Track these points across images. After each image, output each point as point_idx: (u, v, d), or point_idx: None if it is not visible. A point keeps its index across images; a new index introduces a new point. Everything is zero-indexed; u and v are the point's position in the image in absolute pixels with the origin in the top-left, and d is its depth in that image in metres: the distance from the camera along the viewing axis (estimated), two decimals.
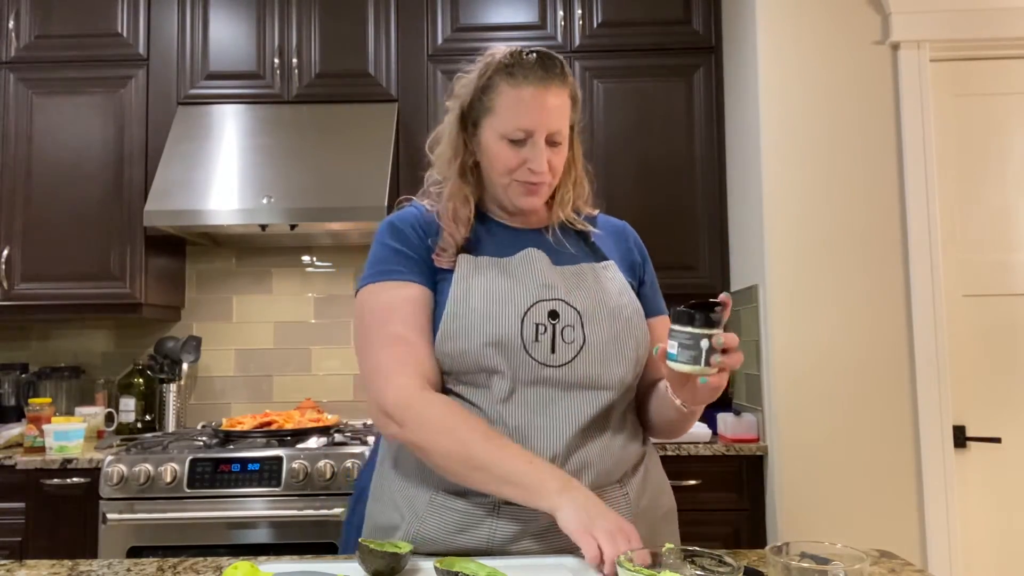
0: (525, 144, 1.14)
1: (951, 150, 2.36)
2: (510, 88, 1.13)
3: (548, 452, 1.07)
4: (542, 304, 1.11)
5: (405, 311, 1.12)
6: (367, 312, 1.14)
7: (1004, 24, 2.32)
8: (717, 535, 2.28)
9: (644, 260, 1.30)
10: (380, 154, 2.60)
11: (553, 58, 1.15)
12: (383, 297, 1.13)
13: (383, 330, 1.11)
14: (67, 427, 2.34)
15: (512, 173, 1.15)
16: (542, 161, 1.14)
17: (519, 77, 1.13)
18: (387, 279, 1.14)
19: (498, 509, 1.06)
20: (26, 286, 2.64)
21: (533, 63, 1.13)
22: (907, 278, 2.29)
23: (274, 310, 3.00)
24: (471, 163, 1.20)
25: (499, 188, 1.18)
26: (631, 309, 1.17)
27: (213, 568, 1.02)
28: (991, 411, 2.29)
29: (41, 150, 2.68)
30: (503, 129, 1.14)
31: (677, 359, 0.98)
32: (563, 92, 1.15)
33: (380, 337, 1.11)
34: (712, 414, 2.56)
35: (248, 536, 2.18)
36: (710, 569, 0.82)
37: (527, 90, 1.12)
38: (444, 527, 1.07)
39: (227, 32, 2.77)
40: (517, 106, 1.13)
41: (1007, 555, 2.25)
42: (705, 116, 2.71)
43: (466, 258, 1.15)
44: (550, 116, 1.13)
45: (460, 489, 1.07)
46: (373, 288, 1.15)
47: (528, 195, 1.17)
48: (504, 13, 2.75)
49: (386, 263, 1.16)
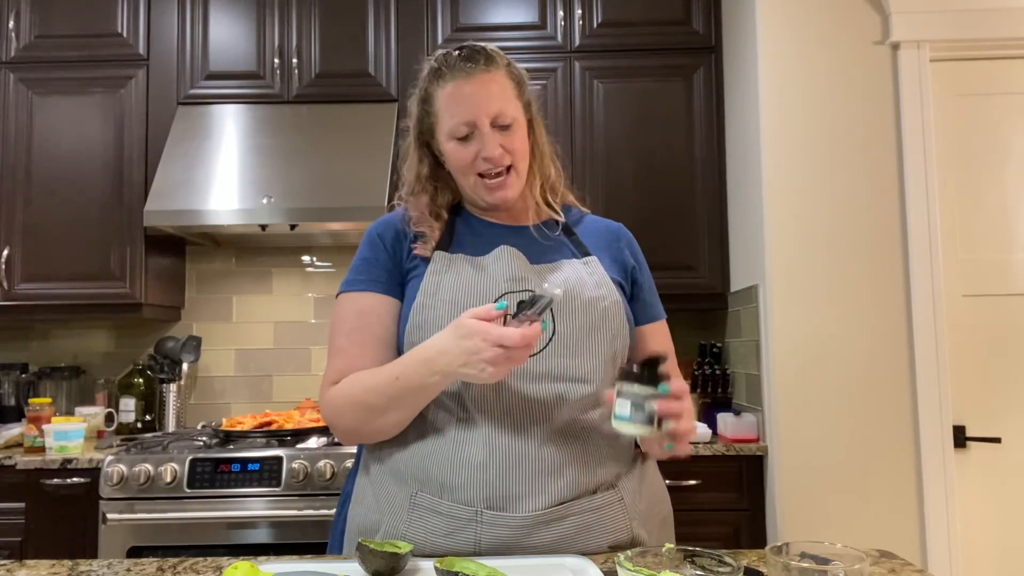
0: (472, 137, 1.15)
1: (951, 150, 2.36)
2: (441, 90, 1.16)
3: (527, 447, 1.05)
4: (512, 296, 1.12)
5: (352, 324, 1.17)
6: (334, 314, 1.22)
7: (1004, 24, 2.32)
8: (717, 535, 2.28)
9: (639, 263, 1.28)
10: (380, 154, 2.60)
11: (478, 49, 1.17)
12: (340, 310, 1.20)
13: (332, 343, 1.19)
14: (67, 427, 2.34)
15: (471, 168, 1.17)
16: (493, 146, 1.14)
17: (446, 77, 1.15)
18: (349, 290, 1.20)
19: (480, 515, 1.04)
20: (26, 286, 2.64)
21: (456, 59, 1.16)
22: (907, 278, 2.29)
23: (274, 310, 3.00)
24: (426, 172, 1.23)
25: (468, 190, 1.21)
26: (609, 302, 1.15)
27: (213, 568, 1.02)
28: (991, 411, 2.29)
29: (41, 150, 2.68)
30: (447, 129, 1.16)
31: (630, 420, 0.96)
32: (494, 76, 1.16)
33: (333, 346, 1.19)
34: (712, 414, 2.56)
35: (248, 536, 2.18)
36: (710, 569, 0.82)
37: (454, 84, 1.15)
38: (430, 531, 1.06)
39: (227, 32, 2.77)
40: (450, 103, 1.15)
41: (1007, 555, 2.25)
42: (705, 116, 2.71)
43: (440, 255, 1.17)
44: (485, 101, 1.14)
45: (436, 486, 1.06)
46: (339, 299, 1.22)
47: (494, 190, 1.18)
48: (504, 13, 2.75)
49: (353, 272, 1.21)
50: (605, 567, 0.97)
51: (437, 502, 1.06)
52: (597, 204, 2.64)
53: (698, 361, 2.68)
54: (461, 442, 1.07)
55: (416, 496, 1.08)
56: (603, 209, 2.62)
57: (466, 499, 1.04)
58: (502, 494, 1.04)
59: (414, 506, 1.07)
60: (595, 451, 1.10)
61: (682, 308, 2.75)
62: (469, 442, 1.06)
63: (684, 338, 2.65)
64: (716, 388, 2.64)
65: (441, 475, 1.06)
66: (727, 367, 2.68)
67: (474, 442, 1.06)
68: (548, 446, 1.07)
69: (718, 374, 2.64)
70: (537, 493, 1.04)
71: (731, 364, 2.69)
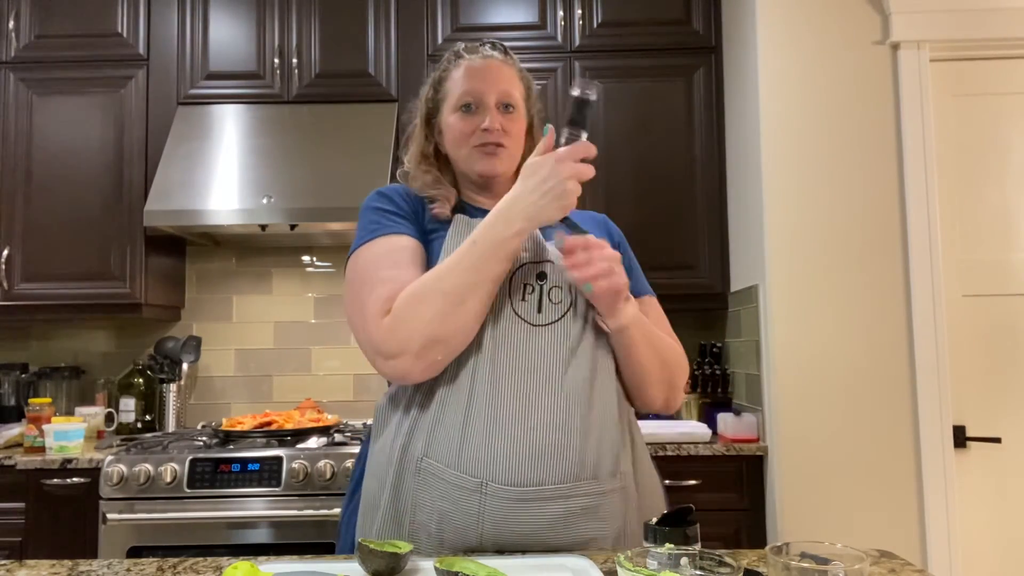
0: (476, 111, 1.20)
1: (951, 150, 2.36)
2: (456, 69, 1.23)
3: (529, 421, 1.06)
4: (530, 266, 1.14)
5: (393, 257, 1.13)
6: (355, 270, 1.15)
7: (1004, 24, 2.33)
8: (717, 535, 2.28)
9: (624, 249, 1.31)
10: (380, 154, 2.60)
11: (499, 45, 1.25)
12: (372, 251, 1.14)
13: (373, 276, 1.11)
14: (67, 427, 2.34)
15: (468, 139, 1.20)
16: (494, 118, 1.19)
17: (464, 58, 1.23)
18: (374, 236, 1.15)
19: (485, 486, 1.04)
20: (26, 286, 2.64)
21: (477, 46, 1.24)
22: (907, 278, 2.29)
23: (274, 310, 3.00)
24: (431, 150, 1.27)
25: (461, 162, 1.23)
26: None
27: (213, 568, 1.02)
28: (991, 411, 2.29)
29: (41, 150, 2.68)
30: (454, 100, 1.21)
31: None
32: (510, 68, 1.23)
33: (369, 284, 1.11)
34: (712, 414, 2.56)
35: (248, 536, 2.18)
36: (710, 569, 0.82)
37: (469, 62, 1.22)
38: (436, 497, 1.06)
39: (227, 32, 2.77)
40: (463, 77, 1.21)
41: (1007, 555, 2.26)
42: (705, 116, 2.71)
43: (462, 218, 1.18)
44: (497, 80, 1.21)
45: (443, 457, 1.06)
46: (361, 249, 1.15)
47: (486, 157, 1.21)
48: (504, 13, 2.75)
49: (373, 223, 1.17)
50: (605, 567, 0.97)
51: (443, 469, 1.06)
52: (597, 204, 2.64)
53: (698, 361, 2.68)
54: (469, 416, 1.07)
55: (422, 462, 1.08)
56: (603, 209, 2.60)
57: (472, 471, 1.05)
58: (507, 467, 1.04)
59: (420, 470, 1.08)
60: (602, 435, 1.10)
61: (682, 308, 2.75)
62: (477, 416, 1.07)
63: (684, 338, 2.62)
64: (716, 388, 2.64)
65: (450, 447, 1.06)
66: (727, 367, 2.69)
67: (482, 416, 1.07)
68: (557, 422, 1.07)
69: (718, 374, 2.64)
70: (543, 468, 1.05)
71: (731, 364, 2.69)
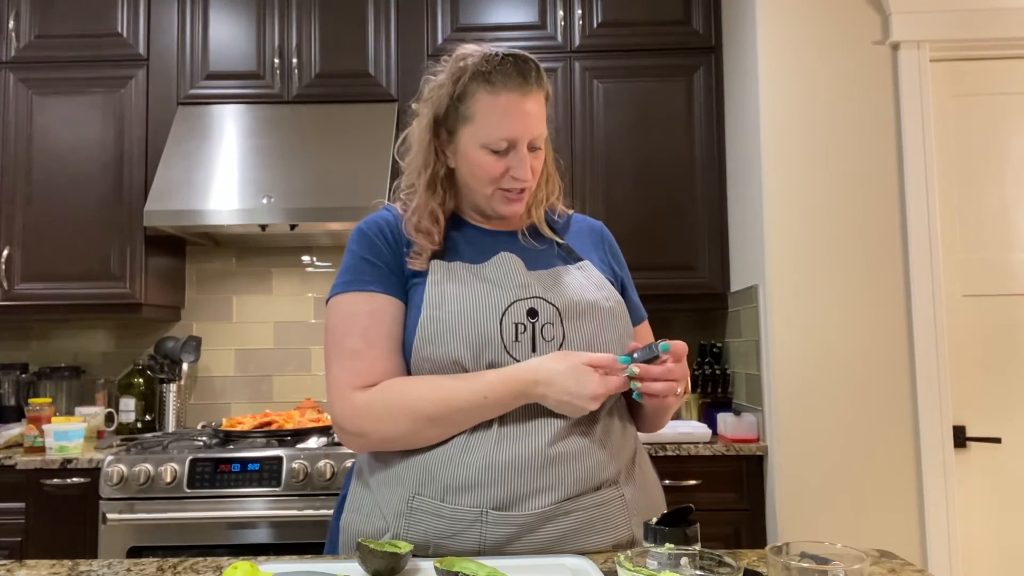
0: (508, 153, 1.13)
1: (951, 150, 2.36)
2: (489, 96, 1.11)
3: (534, 445, 1.05)
4: (520, 303, 1.11)
5: (364, 324, 1.11)
6: (330, 325, 1.14)
7: (1004, 24, 2.32)
8: (717, 535, 2.27)
9: (621, 266, 1.29)
10: (380, 154, 2.60)
11: (528, 61, 1.13)
12: (345, 310, 1.13)
13: (341, 344, 1.12)
14: (67, 427, 2.34)
15: (496, 182, 1.15)
16: (526, 169, 1.13)
17: (498, 85, 1.11)
18: (352, 290, 1.14)
19: (486, 515, 1.03)
20: (26, 286, 2.64)
21: (510, 69, 1.11)
22: (907, 278, 2.29)
23: (274, 310, 3.00)
24: (443, 172, 1.18)
25: (480, 197, 1.18)
26: (613, 302, 1.17)
27: (213, 568, 1.02)
28: (991, 411, 2.29)
29: (41, 150, 2.68)
30: (485, 139, 1.12)
31: None
32: (541, 95, 1.15)
33: (337, 351, 1.12)
34: (712, 414, 2.56)
35: (248, 536, 2.18)
36: (710, 569, 0.82)
37: (507, 97, 1.11)
38: (431, 535, 1.05)
39: (227, 32, 2.77)
40: (498, 115, 1.11)
41: (1007, 555, 2.25)
42: (705, 116, 2.71)
43: (439, 264, 1.15)
44: (532, 123, 1.13)
45: (439, 489, 1.05)
46: (338, 300, 1.15)
47: (511, 203, 1.17)
48: (504, 13, 2.75)
49: (352, 272, 1.15)
50: (605, 567, 0.97)
51: (439, 506, 1.05)
52: (597, 204, 2.64)
53: (698, 361, 2.68)
54: (466, 444, 1.06)
55: (413, 500, 1.06)
56: (603, 209, 2.62)
57: (472, 501, 1.04)
58: (508, 493, 1.03)
59: (412, 510, 1.06)
60: (599, 448, 1.09)
61: (682, 308, 2.76)
62: (475, 444, 1.06)
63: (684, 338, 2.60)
64: (716, 388, 2.64)
65: (447, 478, 1.05)
66: (727, 367, 2.68)
67: (480, 444, 1.06)
68: (555, 445, 1.06)
69: (718, 374, 2.64)
70: (543, 490, 1.04)
71: (731, 364, 2.69)
